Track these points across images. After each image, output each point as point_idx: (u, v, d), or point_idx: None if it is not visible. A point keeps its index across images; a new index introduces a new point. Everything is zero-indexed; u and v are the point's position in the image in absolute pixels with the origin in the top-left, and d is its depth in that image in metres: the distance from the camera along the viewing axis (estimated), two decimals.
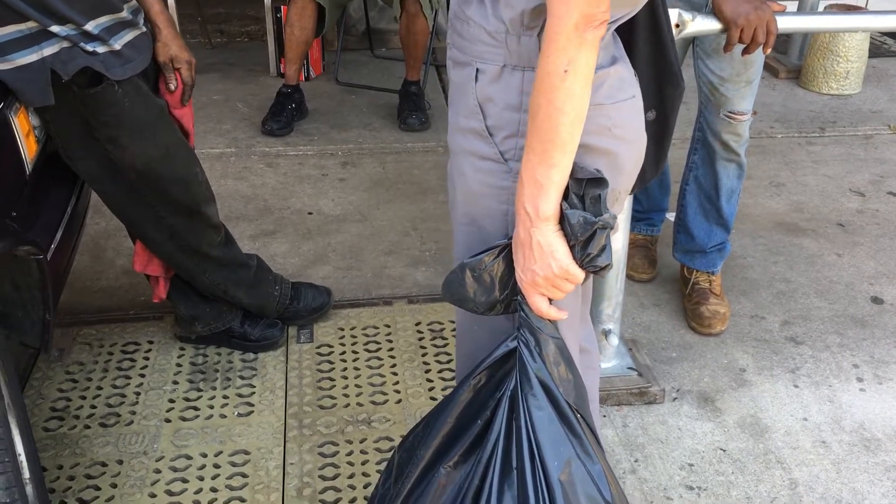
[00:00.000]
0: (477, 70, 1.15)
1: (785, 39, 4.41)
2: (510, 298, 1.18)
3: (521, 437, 1.12)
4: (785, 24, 1.86)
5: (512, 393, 1.14)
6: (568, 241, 1.09)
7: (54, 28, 1.60)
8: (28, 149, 1.65)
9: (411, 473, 1.23)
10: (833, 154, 3.51)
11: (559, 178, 1.06)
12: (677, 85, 1.35)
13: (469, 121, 1.18)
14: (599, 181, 1.08)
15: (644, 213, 2.62)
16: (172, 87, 1.89)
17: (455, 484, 1.18)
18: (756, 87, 2.22)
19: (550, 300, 1.13)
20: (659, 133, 1.38)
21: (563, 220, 1.09)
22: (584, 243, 1.08)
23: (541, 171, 1.06)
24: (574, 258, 1.09)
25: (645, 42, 1.30)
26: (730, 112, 2.23)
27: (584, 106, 1.05)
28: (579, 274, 1.10)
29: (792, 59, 4.34)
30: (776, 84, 4.22)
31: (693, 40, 2.24)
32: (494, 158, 1.17)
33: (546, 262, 1.08)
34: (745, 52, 1.89)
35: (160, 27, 1.85)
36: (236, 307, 2.21)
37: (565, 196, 1.08)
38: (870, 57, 4.18)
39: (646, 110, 1.29)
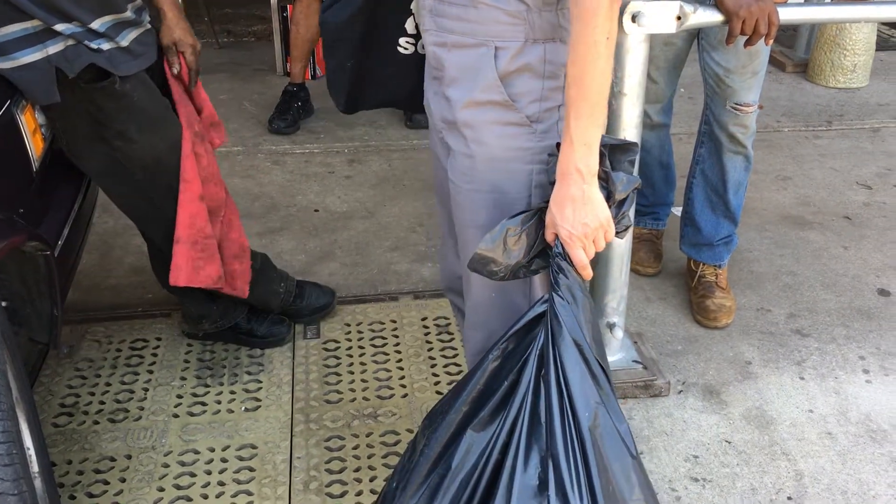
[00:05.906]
0: (496, 48, 1.24)
1: (791, 33, 4.40)
2: (531, 261, 1.26)
3: (551, 391, 1.15)
4: (786, 15, 1.86)
5: (541, 350, 1.18)
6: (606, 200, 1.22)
7: (59, 27, 1.61)
8: (35, 146, 1.67)
9: (440, 438, 1.25)
10: (840, 147, 3.50)
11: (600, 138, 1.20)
12: None
13: (488, 94, 1.26)
14: (630, 146, 1.21)
15: (649, 208, 2.62)
16: (175, 70, 1.89)
17: (482, 442, 1.21)
18: (762, 79, 2.22)
19: None
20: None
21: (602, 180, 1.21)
22: (621, 202, 1.22)
23: (591, 133, 1.16)
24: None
25: None
26: (736, 104, 2.23)
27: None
28: (614, 228, 1.23)
29: (799, 53, 4.32)
30: (783, 78, 4.21)
31: (698, 33, 2.24)
32: (520, 122, 1.27)
33: (595, 213, 1.20)
34: (748, 43, 1.89)
35: (165, 10, 1.86)
36: (242, 303, 2.23)
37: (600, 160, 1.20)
38: (877, 50, 4.17)
39: None
